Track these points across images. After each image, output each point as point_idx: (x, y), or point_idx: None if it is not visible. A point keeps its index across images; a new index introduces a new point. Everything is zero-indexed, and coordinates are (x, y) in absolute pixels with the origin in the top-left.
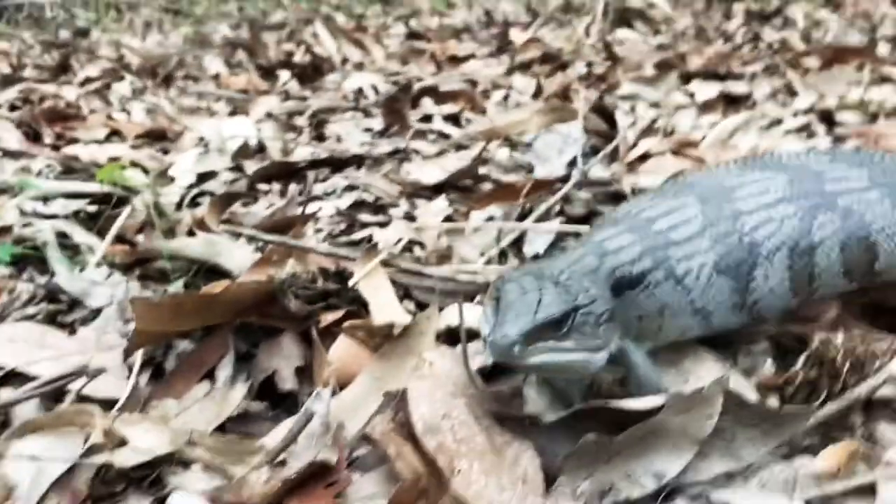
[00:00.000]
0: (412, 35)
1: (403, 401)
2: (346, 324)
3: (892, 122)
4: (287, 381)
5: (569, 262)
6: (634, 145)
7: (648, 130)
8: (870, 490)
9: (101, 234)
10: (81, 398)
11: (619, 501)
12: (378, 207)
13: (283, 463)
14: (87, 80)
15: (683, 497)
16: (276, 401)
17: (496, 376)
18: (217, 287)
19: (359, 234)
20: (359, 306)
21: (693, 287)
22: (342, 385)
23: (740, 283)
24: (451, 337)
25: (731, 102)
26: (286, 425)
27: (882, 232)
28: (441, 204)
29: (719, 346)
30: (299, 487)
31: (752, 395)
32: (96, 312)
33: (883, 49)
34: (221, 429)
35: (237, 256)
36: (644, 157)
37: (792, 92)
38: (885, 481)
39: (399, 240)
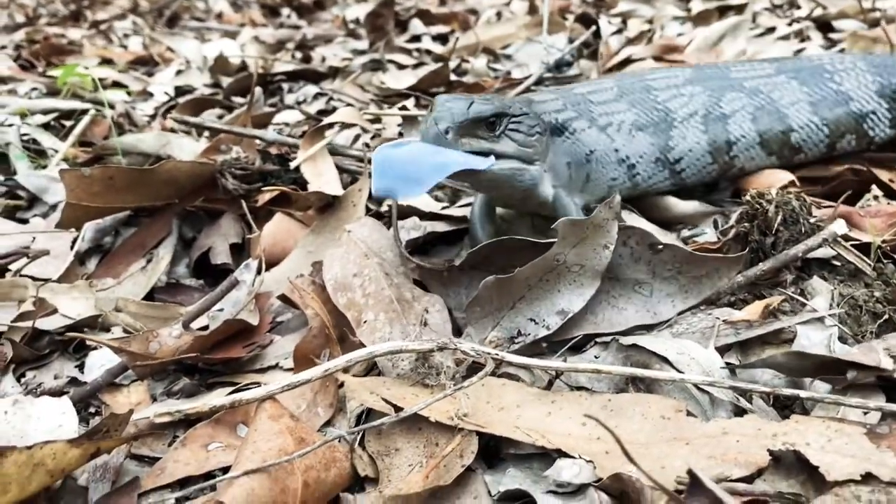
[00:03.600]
0: None
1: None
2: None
3: (892, 27)
4: (220, 256)
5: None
6: (618, 52)
7: (636, 39)
8: (788, 336)
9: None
10: (24, 277)
11: (528, 344)
12: None
13: (207, 328)
14: (95, 24)
15: (596, 345)
16: (216, 279)
17: (430, 251)
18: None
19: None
20: (299, 188)
21: (616, 137)
22: (279, 259)
23: (660, 139)
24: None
25: (727, 13)
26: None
27: (792, 106)
28: (407, 104)
29: (671, 225)
30: (218, 346)
31: (664, 238)
32: (54, 208)
33: None
34: (151, 299)
35: (187, 147)
36: (626, 63)
37: (794, 6)
38: (803, 326)
39: (347, 125)
